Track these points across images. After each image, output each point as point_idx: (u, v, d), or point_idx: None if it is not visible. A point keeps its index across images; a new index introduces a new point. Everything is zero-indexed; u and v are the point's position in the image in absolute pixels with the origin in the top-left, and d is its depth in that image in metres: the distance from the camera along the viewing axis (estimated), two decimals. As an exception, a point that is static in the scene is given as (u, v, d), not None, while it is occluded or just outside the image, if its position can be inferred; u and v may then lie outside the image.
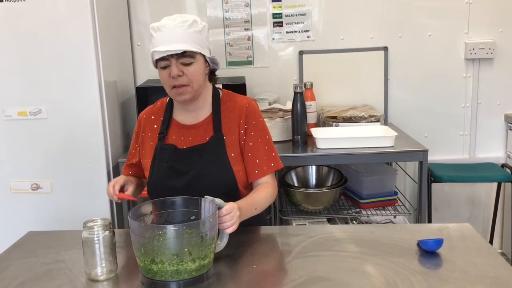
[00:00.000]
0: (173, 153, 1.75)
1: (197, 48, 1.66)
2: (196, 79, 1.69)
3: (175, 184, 1.69)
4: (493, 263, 1.45)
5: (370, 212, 2.79)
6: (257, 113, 1.80)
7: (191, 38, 1.65)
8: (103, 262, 1.42)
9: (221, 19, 3.11)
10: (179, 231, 1.34)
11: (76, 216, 2.51)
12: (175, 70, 1.65)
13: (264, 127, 1.81)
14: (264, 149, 1.77)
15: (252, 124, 1.77)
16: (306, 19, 3.12)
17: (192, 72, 1.67)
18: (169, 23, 1.65)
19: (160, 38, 1.65)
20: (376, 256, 1.50)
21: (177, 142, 1.77)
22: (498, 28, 3.13)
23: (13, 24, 2.44)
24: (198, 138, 1.76)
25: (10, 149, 2.54)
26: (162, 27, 1.65)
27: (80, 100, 2.49)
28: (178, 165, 1.73)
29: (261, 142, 1.77)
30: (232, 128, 1.76)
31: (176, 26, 1.64)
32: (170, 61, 1.65)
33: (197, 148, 1.74)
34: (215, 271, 1.44)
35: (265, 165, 1.76)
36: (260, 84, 3.16)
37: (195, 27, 1.67)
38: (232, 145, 1.75)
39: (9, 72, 2.48)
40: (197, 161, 1.72)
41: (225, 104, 1.80)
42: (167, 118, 1.81)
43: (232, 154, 1.74)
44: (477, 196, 3.31)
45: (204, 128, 1.77)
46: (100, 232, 1.42)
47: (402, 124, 3.12)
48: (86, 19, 2.43)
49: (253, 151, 1.76)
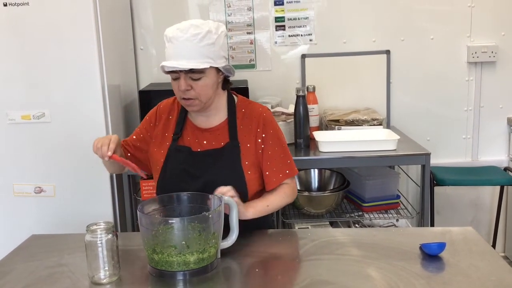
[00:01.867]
0: (188, 155, 1.75)
1: (207, 62, 1.62)
2: (204, 93, 1.68)
3: (187, 187, 1.68)
4: (496, 266, 1.45)
5: (372, 216, 2.79)
6: (273, 122, 1.82)
7: (201, 53, 1.61)
8: (106, 266, 1.42)
9: (223, 23, 3.12)
10: (177, 225, 1.40)
11: (79, 219, 2.52)
12: (183, 85, 1.64)
13: (280, 135, 1.82)
14: (280, 158, 1.78)
15: (270, 133, 1.78)
16: (309, 23, 3.13)
17: (201, 87, 1.66)
18: (180, 35, 1.60)
19: (170, 50, 1.63)
20: (379, 259, 1.50)
21: (192, 144, 1.77)
22: (501, 31, 3.13)
23: (16, 27, 2.44)
24: (213, 142, 1.76)
25: (14, 153, 2.54)
26: (173, 39, 1.61)
27: (83, 103, 2.50)
28: (192, 168, 1.73)
29: (278, 151, 1.78)
30: (249, 136, 1.76)
31: (187, 40, 1.60)
32: (180, 74, 1.64)
33: (212, 152, 1.74)
34: (220, 270, 1.44)
35: (281, 173, 1.78)
36: (263, 87, 3.17)
37: (208, 39, 1.62)
38: (247, 153, 1.75)
39: (12, 75, 2.49)
40: (211, 166, 1.72)
41: (241, 111, 1.80)
42: (182, 118, 1.80)
43: (246, 162, 1.74)
44: (480, 200, 3.31)
45: (219, 133, 1.77)
46: (103, 235, 1.42)
47: (404, 128, 3.12)
48: (89, 23, 2.43)
49: (271, 159, 1.77)
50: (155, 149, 1.81)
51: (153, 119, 1.85)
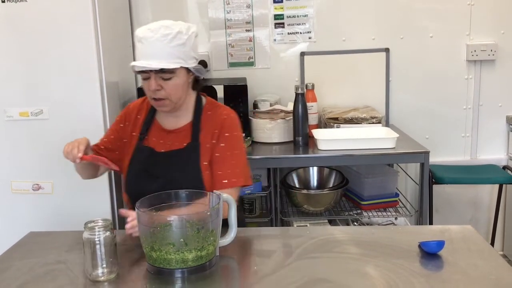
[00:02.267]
0: (150, 156, 1.77)
1: (177, 63, 1.64)
2: (175, 93, 1.69)
3: (147, 187, 1.68)
4: (495, 265, 1.45)
5: (371, 214, 2.79)
6: (233, 127, 1.78)
7: (172, 53, 1.63)
8: (104, 263, 1.42)
9: (222, 20, 3.11)
10: (175, 222, 1.41)
11: (77, 216, 2.50)
12: (153, 85, 1.65)
13: (238, 141, 1.79)
14: (230, 163, 1.74)
15: (224, 136, 1.76)
16: (308, 21, 3.12)
17: (171, 87, 1.67)
18: (150, 35, 1.62)
19: (140, 50, 1.65)
20: (377, 257, 1.50)
21: (156, 145, 1.79)
22: (500, 29, 3.13)
23: (14, 24, 2.43)
24: (176, 143, 1.77)
25: (12, 150, 2.54)
26: (143, 39, 1.63)
27: (82, 100, 2.49)
28: (152, 169, 1.75)
29: (229, 156, 1.75)
30: (208, 137, 1.77)
31: (158, 40, 1.61)
32: (150, 74, 1.65)
33: (173, 153, 1.76)
34: (218, 267, 1.44)
35: (226, 179, 1.73)
36: (262, 85, 3.16)
37: (178, 39, 1.63)
38: (206, 154, 1.76)
39: (10, 72, 2.48)
40: (171, 166, 1.74)
41: (207, 113, 1.81)
42: (150, 119, 1.82)
43: (204, 162, 1.74)
44: (479, 198, 3.31)
45: (184, 134, 1.78)
46: (101, 232, 1.42)
47: (403, 126, 3.12)
48: (87, 19, 2.43)
49: (219, 163, 1.75)
50: (125, 150, 1.84)
51: (123, 120, 1.87)
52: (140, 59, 1.64)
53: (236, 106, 2.79)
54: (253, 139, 2.82)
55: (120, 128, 1.87)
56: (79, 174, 1.87)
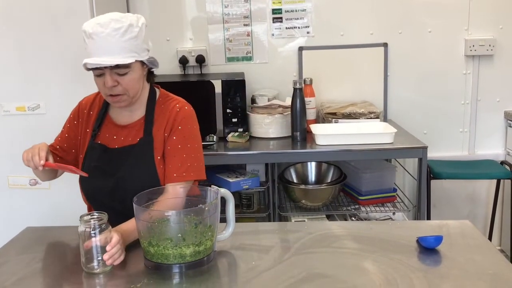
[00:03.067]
0: (103, 153, 1.72)
1: (132, 57, 1.60)
2: (132, 87, 1.65)
3: (101, 185, 1.67)
4: (493, 260, 1.45)
5: (369, 209, 2.79)
6: (187, 119, 1.73)
7: (125, 48, 1.58)
8: (99, 256, 1.42)
9: (220, 15, 3.10)
10: (172, 218, 1.40)
11: (74, 212, 2.49)
12: (109, 82, 1.61)
13: (191, 135, 1.72)
14: (181, 157, 1.69)
15: (177, 129, 1.71)
16: (306, 15, 3.11)
17: (127, 82, 1.63)
18: (101, 31, 1.56)
19: (92, 47, 1.58)
20: (375, 252, 1.50)
21: (109, 141, 1.74)
22: (498, 24, 3.13)
23: (11, 19, 2.42)
24: (129, 138, 1.73)
25: (8, 144, 2.53)
26: (94, 35, 1.57)
27: (79, 95, 2.44)
28: (106, 166, 1.71)
29: (181, 149, 1.69)
30: (161, 131, 1.72)
31: (109, 35, 1.56)
32: (104, 71, 1.60)
33: (126, 149, 1.72)
34: (216, 262, 1.44)
35: (176, 173, 1.68)
36: (260, 80, 3.15)
37: (130, 32, 1.59)
38: (159, 148, 1.71)
39: (7, 67, 2.47)
40: (124, 162, 1.70)
41: (160, 106, 1.76)
42: (102, 115, 1.77)
43: (158, 157, 1.70)
44: (477, 193, 3.31)
45: (137, 129, 1.74)
46: (97, 225, 1.42)
47: (401, 121, 3.11)
48: (85, 14, 2.41)
49: (169, 156, 1.70)
50: (80, 148, 1.80)
51: (76, 117, 1.82)
52: (93, 55, 1.58)
53: (234, 101, 2.79)
54: (251, 134, 2.81)
55: (74, 126, 1.81)
56: (37, 177, 1.83)
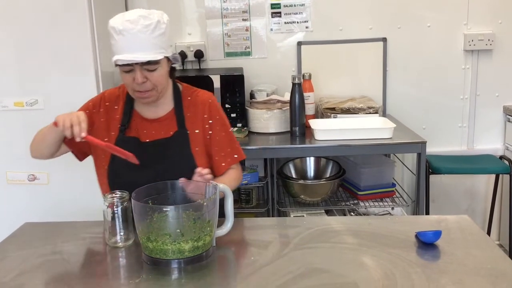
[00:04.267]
0: (137, 146, 1.72)
1: (161, 53, 1.63)
2: (160, 83, 1.68)
3: (137, 178, 1.66)
4: (491, 254, 1.45)
5: (368, 204, 2.79)
6: (219, 108, 1.84)
7: (155, 44, 1.61)
8: (121, 231, 1.55)
9: (219, 10, 3.09)
10: (171, 213, 1.41)
11: (73, 207, 2.51)
12: (139, 78, 1.62)
13: (226, 121, 1.84)
14: (228, 142, 1.80)
15: (216, 119, 1.79)
16: (305, 10, 3.10)
17: (156, 78, 1.66)
18: (131, 27, 1.58)
19: (122, 44, 1.60)
20: (374, 247, 1.50)
21: (140, 135, 1.76)
22: (498, 19, 3.12)
23: (9, 14, 2.41)
24: (162, 132, 1.76)
25: (7, 140, 2.52)
26: (124, 31, 1.58)
27: (77, 90, 2.47)
28: (140, 159, 1.69)
29: (225, 136, 1.80)
30: (196, 123, 1.77)
31: (140, 32, 1.58)
32: (134, 67, 1.62)
33: (161, 142, 1.74)
34: (215, 258, 1.44)
35: (229, 158, 1.80)
36: (258, 75, 3.15)
37: (159, 29, 1.61)
38: (196, 140, 1.76)
39: (5, 62, 2.46)
40: (161, 155, 1.72)
41: (187, 99, 1.80)
42: (129, 109, 1.78)
43: (196, 148, 1.75)
44: (475, 188, 3.31)
45: (167, 123, 1.77)
46: (119, 203, 1.54)
47: (400, 116, 3.11)
48: (83, 9, 2.40)
49: (219, 145, 1.79)
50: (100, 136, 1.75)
51: (97, 106, 1.81)
52: (123, 52, 1.59)
53: (233, 96, 2.78)
54: (249, 129, 2.81)
55: (94, 113, 1.80)
56: (36, 146, 1.77)
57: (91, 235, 1.66)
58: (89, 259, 1.51)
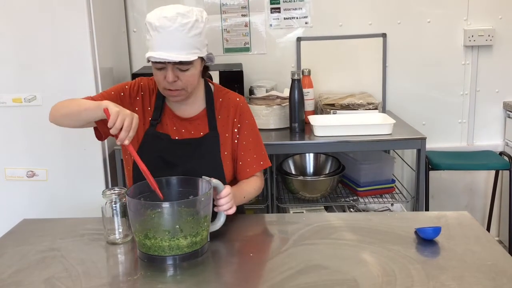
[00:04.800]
0: (167, 143, 1.71)
1: (195, 53, 1.59)
2: (191, 83, 1.65)
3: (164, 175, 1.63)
4: (491, 251, 1.44)
5: (367, 200, 2.78)
6: (249, 112, 1.81)
7: (190, 44, 1.57)
8: (120, 227, 1.55)
9: (218, 5, 3.08)
10: (171, 209, 1.40)
11: (72, 204, 2.51)
12: (171, 77, 1.60)
13: (255, 125, 1.82)
14: (255, 148, 1.79)
15: (245, 123, 1.78)
16: (304, 5, 3.09)
17: (187, 78, 1.63)
18: (169, 25, 1.54)
19: (157, 41, 1.56)
20: (374, 244, 1.49)
21: (170, 131, 1.74)
22: (498, 14, 3.11)
23: (7, 9, 2.40)
24: (192, 131, 1.74)
25: (5, 136, 2.52)
26: (160, 28, 1.54)
27: (76, 86, 2.46)
28: (170, 156, 1.70)
29: (252, 141, 1.78)
30: (226, 126, 1.76)
31: (176, 30, 1.54)
32: (167, 65, 1.59)
33: (191, 141, 1.72)
34: (210, 254, 1.43)
35: (255, 164, 1.78)
36: (258, 71, 3.14)
37: (196, 28, 1.57)
38: (225, 143, 1.75)
39: (3, 58, 2.45)
40: (190, 155, 1.70)
41: (219, 101, 1.78)
42: (160, 104, 1.75)
43: (225, 152, 1.74)
44: (475, 184, 3.31)
45: (198, 123, 1.75)
46: (118, 200, 1.54)
47: (400, 112, 3.10)
48: (81, 5, 2.39)
49: (245, 150, 1.77)
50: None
51: (134, 93, 1.75)
52: (158, 49, 1.56)
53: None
54: (249, 126, 2.80)
55: (120, 97, 1.72)
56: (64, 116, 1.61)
57: (90, 232, 1.65)
58: (87, 256, 1.50)
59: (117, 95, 1.73)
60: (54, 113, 1.66)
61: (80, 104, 1.58)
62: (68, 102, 1.63)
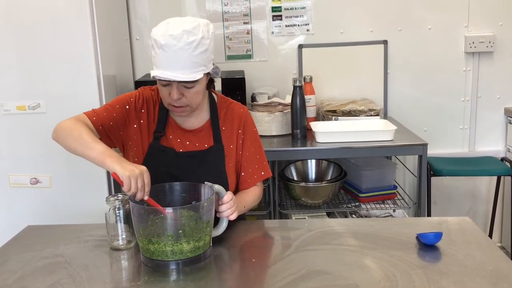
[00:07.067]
0: (173, 157, 1.70)
1: (201, 71, 1.56)
2: (195, 100, 1.64)
3: None
4: (493, 256, 1.45)
5: (369, 206, 2.79)
6: (252, 123, 1.82)
7: (196, 62, 1.54)
8: (123, 234, 1.56)
9: (220, 13, 3.10)
10: (174, 214, 1.42)
11: (75, 210, 2.52)
12: (175, 95, 1.59)
13: (257, 136, 1.83)
14: (256, 159, 1.80)
15: (248, 135, 1.79)
16: (306, 13, 3.11)
17: (192, 95, 1.62)
18: (174, 44, 1.51)
19: (162, 59, 1.53)
20: (375, 249, 1.50)
21: (175, 144, 1.73)
22: (498, 21, 3.12)
23: (11, 17, 2.42)
24: (196, 144, 1.73)
25: (9, 143, 2.53)
26: (165, 47, 1.51)
27: (79, 94, 2.48)
28: (176, 170, 1.69)
29: (255, 152, 1.80)
30: (231, 138, 1.76)
31: (181, 49, 1.51)
32: (171, 83, 1.58)
33: (196, 154, 1.71)
34: (212, 259, 1.44)
35: (256, 174, 1.79)
36: (259, 78, 3.15)
37: (202, 46, 1.54)
38: (230, 155, 1.75)
39: (7, 66, 2.47)
40: (196, 169, 1.70)
41: (223, 111, 1.78)
42: (164, 116, 1.73)
43: (230, 164, 1.74)
44: (477, 190, 3.31)
45: (203, 135, 1.74)
46: (121, 206, 1.55)
47: (401, 118, 3.11)
48: (85, 13, 2.41)
49: (248, 161, 1.78)
50: (135, 137, 1.72)
51: (140, 106, 1.73)
52: (162, 68, 1.54)
53: (234, 99, 2.76)
54: (251, 132, 2.81)
55: (125, 110, 1.71)
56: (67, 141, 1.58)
57: (93, 238, 1.66)
58: (91, 262, 1.50)
59: (123, 109, 1.71)
60: (58, 137, 1.63)
61: (86, 145, 1.54)
62: (74, 133, 1.57)
